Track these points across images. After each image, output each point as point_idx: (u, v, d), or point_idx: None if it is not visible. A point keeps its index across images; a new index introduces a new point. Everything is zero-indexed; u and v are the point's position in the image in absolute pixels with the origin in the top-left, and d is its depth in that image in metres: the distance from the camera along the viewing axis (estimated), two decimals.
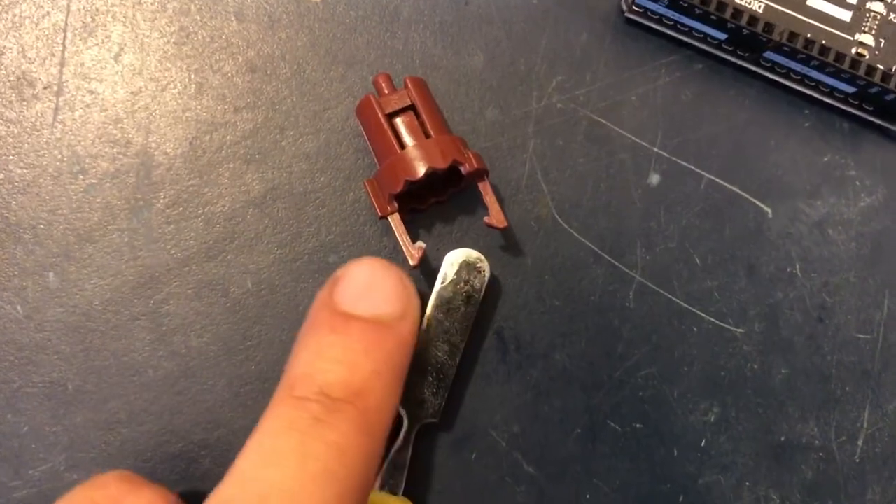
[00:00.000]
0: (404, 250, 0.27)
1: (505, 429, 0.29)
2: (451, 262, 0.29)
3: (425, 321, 0.28)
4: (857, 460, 0.30)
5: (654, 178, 0.30)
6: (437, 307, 0.28)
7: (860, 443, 0.30)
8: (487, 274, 0.29)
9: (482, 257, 0.29)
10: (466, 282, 0.29)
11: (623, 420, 0.29)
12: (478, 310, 0.29)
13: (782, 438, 0.29)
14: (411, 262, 0.27)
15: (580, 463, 0.29)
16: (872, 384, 0.30)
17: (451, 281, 0.28)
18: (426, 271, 0.29)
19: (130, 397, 0.28)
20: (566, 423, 0.29)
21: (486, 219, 0.28)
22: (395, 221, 0.28)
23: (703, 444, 0.29)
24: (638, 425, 0.29)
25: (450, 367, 0.28)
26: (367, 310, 0.23)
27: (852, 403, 0.30)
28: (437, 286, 0.28)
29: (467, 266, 0.29)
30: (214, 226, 0.29)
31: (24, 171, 0.28)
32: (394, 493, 0.27)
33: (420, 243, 0.28)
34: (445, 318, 0.28)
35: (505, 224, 0.28)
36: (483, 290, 0.29)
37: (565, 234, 0.30)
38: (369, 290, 0.23)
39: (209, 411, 0.28)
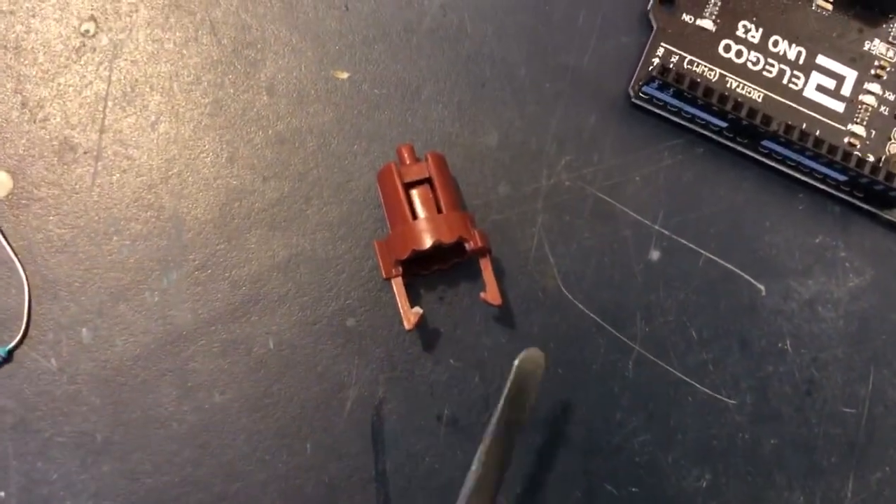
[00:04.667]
0: (402, 313, 0.29)
1: (509, 491, 0.30)
2: None
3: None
4: None
5: (655, 255, 0.32)
6: None
7: None
8: None
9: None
10: None
11: (619, 484, 0.31)
12: None
13: None
14: (407, 326, 0.29)
15: None
16: (857, 456, 0.32)
17: None
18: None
19: (155, 449, 0.30)
20: (566, 486, 0.30)
21: (482, 294, 0.30)
22: (397, 285, 0.29)
23: None
24: (633, 489, 0.31)
25: None
26: None
27: (837, 474, 0.31)
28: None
29: None
30: (240, 288, 0.30)
31: (63, 231, 0.30)
32: None
33: (417, 308, 0.29)
34: None
35: (499, 301, 0.29)
36: None
37: (570, 305, 0.31)
38: None
39: (229, 464, 0.30)
